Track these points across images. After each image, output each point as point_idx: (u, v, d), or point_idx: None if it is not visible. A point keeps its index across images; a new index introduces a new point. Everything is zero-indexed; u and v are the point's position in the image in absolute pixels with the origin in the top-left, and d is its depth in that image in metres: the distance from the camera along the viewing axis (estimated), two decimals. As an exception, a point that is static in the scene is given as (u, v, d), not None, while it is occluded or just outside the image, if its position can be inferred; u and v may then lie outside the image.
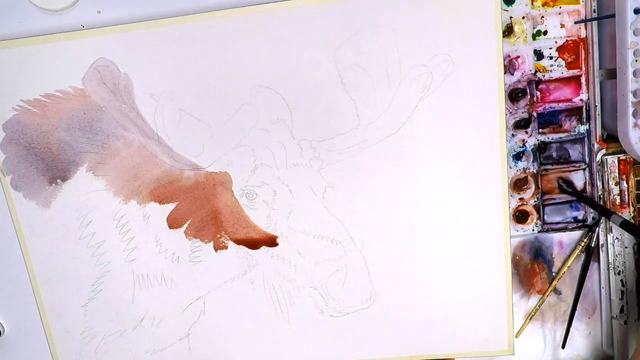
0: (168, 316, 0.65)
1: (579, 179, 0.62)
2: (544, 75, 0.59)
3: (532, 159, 0.61)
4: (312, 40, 0.57)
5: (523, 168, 0.62)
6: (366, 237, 0.61)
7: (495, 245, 0.61)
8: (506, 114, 0.59)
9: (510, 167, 0.61)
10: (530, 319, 0.65)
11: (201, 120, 0.59)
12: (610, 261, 0.62)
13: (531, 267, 0.64)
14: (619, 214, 0.61)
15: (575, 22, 0.58)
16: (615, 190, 0.61)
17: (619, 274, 0.62)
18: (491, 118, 0.58)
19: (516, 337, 0.65)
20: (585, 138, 0.61)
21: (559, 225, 0.63)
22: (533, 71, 0.59)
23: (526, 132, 0.61)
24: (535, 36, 0.59)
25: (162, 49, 0.57)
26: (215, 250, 0.63)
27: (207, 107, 0.59)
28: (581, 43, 0.58)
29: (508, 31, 0.58)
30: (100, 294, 0.64)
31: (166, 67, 0.58)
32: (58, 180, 0.61)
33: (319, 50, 0.57)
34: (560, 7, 0.58)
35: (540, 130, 0.61)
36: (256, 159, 0.60)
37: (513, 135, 0.61)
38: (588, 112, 0.60)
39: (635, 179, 0.61)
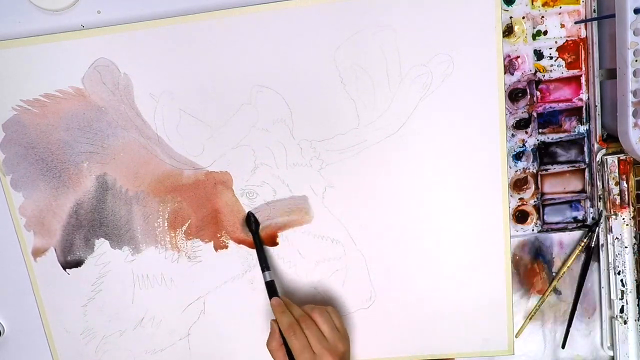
0: (168, 316, 0.65)
1: (578, 179, 0.62)
2: (544, 75, 0.59)
3: (532, 159, 0.61)
4: (312, 40, 0.57)
5: (523, 168, 0.62)
6: (366, 237, 0.61)
7: (495, 245, 0.61)
8: (506, 114, 0.59)
9: (510, 167, 0.61)
10: (530, 319, 0.65)
11: (201, 120, 0.59)
12: (610, 261, 0.62)
13: (531, 267, 0.64)
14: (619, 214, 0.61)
15: (575, 22, 0.58)
16: (615, 190, 0.61)
17: (619, 274, 0.62)
18: (491, 118, 0.58)
19: (516, 337, 0.65)
20: (585, 138, 0.61)
21: (559, 225, 0.63)
22: (533, 71, 0.59)
23: (526, 132, 0.61)
24: (535, 36, 0.59)
25: (162, 49, 0.57)
26: (216, 250, 0.63)
27: (207, 107, 0.59)
28: (581, 43, 0.58)
29: (508, 31, 0.58)
30: (100, 294, 0.64)
31: (166, 67, 0.58)
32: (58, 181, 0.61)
33: (319, 50, 0.57)
34: (560, 7, 0.58)
35: (540, 130, 0.61)
36: (256, 158, 0.60)
37: (513, 135, 0.61)
38: (588, 112, 0.60)
39: (635, 179, 0.61)
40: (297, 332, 0.53)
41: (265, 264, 0.60)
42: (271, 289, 0.59)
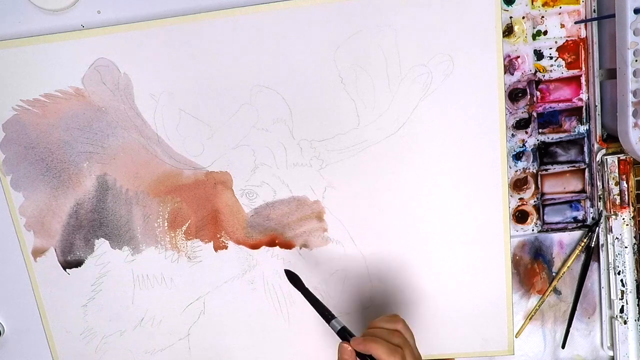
0: (168, 316, 0.65)
1: (578, 179, 0.62)
2: (544, 75, 0.59)
3: (532, 159, 0.61)
4: (312, 40, 0.57)
5: (523, 168, 0.62)
6: (366, 237, 0.61)
7: (495, 245, 0.61)
8: (506, 114, 0.59)
9: (510, 167, 0.61)
10: (530, 319, 0.65)
11: (201, 120, 0.59)
12: (610, 261, 0.62)
13: (531, 267, 0.64)
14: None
15: (575, 22, 0.58)
16: (615, 190, 0.61)
17: (619, 274, 0.62)
18: (491, 118, 0.58)
19: (516, 337, 0.65)
20: (585, 138, 0.61)
21: (559, 225, 0.63)
22: (533, 71, 0.59)
23: (526, 132, 0.61)
24: (535, 36, 0.59)
25: (162, 49, 0.57)
26: (215, 250, 0.63)
27: (207, 107, 0.59)
28: (581, 43, 0.58)
29: (508, 31, 0.58)
30: (100, 294, 0.64)
31: (166, 67, 0.58)
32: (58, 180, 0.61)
33: (319, 50, 0.57)
34: (560, 7, 0.58)
35: (540, 130, 0.61)
36: (256, 158, 0.60)
37: (513, 135, 0.61)
38: (588, 112, 0.60)
39: (635, 179, 0.61)
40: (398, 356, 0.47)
41: (328, 313, 0.53)
42: (347, 333, 0.52)
